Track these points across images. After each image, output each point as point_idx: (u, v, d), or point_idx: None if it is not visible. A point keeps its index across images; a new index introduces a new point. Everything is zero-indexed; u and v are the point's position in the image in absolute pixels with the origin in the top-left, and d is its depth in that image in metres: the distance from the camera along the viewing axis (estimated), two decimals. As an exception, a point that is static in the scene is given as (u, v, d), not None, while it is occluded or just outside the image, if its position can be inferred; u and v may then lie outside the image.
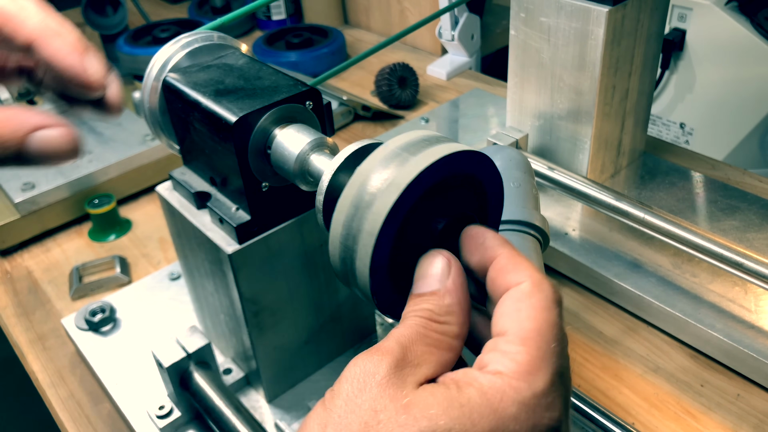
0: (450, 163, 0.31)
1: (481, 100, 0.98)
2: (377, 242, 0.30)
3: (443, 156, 0.30)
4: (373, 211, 0.30)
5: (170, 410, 0.54)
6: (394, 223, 0.30)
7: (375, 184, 0.30)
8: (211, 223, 0.48)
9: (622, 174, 0.77)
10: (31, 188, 0.79)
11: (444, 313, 0.29)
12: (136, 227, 0.82)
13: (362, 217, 0.30)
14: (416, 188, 0.30)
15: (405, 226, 0.31)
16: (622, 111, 0.71)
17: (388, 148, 0.31)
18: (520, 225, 0.55)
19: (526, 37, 0.69)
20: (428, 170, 0.30)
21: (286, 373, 0.55)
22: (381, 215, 0.29)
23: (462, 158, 0.31)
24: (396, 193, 0.29)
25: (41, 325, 0.69)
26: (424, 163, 0.30)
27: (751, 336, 0.56)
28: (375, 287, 0.31)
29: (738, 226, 0.67)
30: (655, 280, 0.62)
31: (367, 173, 0.31)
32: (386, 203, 0.29)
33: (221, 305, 0.53)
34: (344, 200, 0.31)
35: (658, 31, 0.69)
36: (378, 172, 0.30)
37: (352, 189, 0.31)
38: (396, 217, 0.30)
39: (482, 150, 0.64)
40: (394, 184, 0.30)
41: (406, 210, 0.30)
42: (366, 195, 0.30)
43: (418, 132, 0.33)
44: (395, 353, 0.28)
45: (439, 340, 0.29)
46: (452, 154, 0.31)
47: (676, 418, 0.54)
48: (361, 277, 0.31)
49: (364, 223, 0.30)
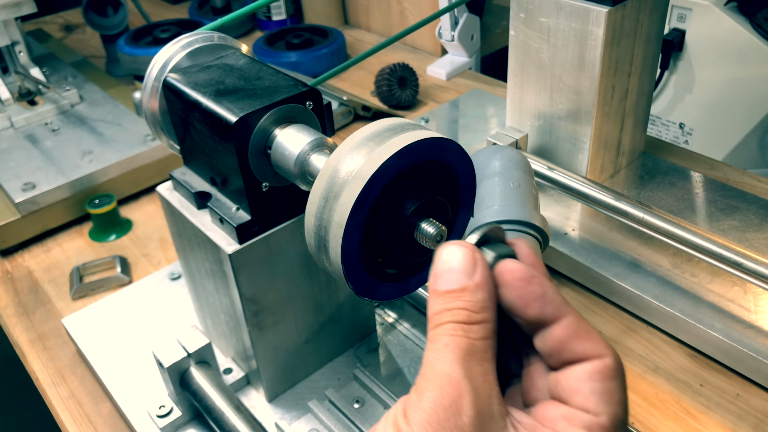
0: (414, 151, 0.32)
1: (481, 100, 0.98)
2: (345, 232, 0.31)
3: (406, 145, 0.31)
4: (340, 203, 0.31)
5: (170, 410, 0.54)
6: (361, 213, 0.31)
7: (341, 176, 0.32)
8: (212, 223, 0.48)
9: (622, 174, 0.77)
10: (31, 188, 0.79)
11: (479, 309, 0.28)
12: (137, 227, 0.82)
13: (331, 209, 0.32)
14: (381, 178, 0.31)
15: (374, 214, 0.32)
16: (621, 111, 0.71)
17: (354, 139, 0.33)
18: (520, 225, 0.55)
19: (525, 37, 0.69)
20: (391, 160, 0.31)
21: (286, 372, 0.55)
22: (347, 207, 0.31)
23: (425, 146, 0.32)
24: (360, 185, 0.31)
25: (42, 325, 0.69)
26: (387, 153, 0.31)
27: (751, 336, 0.56)
28: (348, 273, 0.33)
29: (737, 226, 0.68)
30: (654, 279, 0.63)
31: (336, 165, 0.32)
32: (351, 195, 0.31)
33: (221, 305, 0.53)
34: (315, 192, 0.33)
35: (657, 32, 0.70)
36: (344, 164, 0.32)
37: (321, 181, 0.32)
38: (362, 207, 0.31)
39: (482, 150, 0.64)
40: (358, 176, 0.31)
41: (373, 199, 0.31)
42: (334, 186, 0.32)
43: (385, 121, 0.34)
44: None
45: (484, 347, 0.28)
46: (416, 143, 0.32)
47: (676, 417, 0.54)
48: (335, 264, 0.33)
49: (333, 214, 0.32)
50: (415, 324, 0.62)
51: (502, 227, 0.31)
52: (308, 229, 0.33)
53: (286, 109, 0.43)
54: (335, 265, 0.33)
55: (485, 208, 0.57)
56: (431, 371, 0.27)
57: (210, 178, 0.49)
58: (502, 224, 0.55)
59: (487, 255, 0.29)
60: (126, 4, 1.17)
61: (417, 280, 0.39)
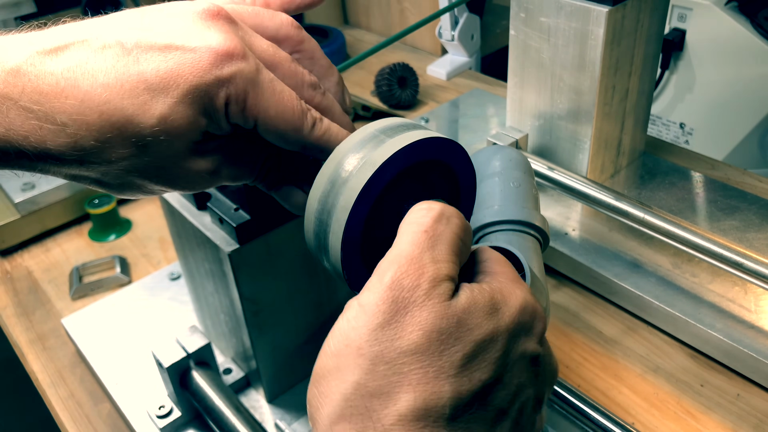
0: (424, 148, 0.32)
1: (481, 100, 0.98)
2: (350, 216, 0.31)
3: (418, 140, 0.32)
4: (348, 187, 0.31)
5: (170, 410, 0.54)
6: (367, 199, 0.31)
7: (352, 162, 0.32)
8: (211, 223, 0.48)
9: (622, 174, 0.77)
10: (31, 188, 0.79)
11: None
12: (136, 227, 0.82)
13: (337, 193, 0.31)
14: (391, 167, 0.31)
15: (378, 205, 0.32)
16: (621, 111, 0.71)
17: (366, 131, 0.33)
18: (520, 225, 0.55)
19: (526, 37, 0.69)
20: (403, 151, 0.31)
21: (286, 373, 0.55)
22: (355, 191, 0.31)
23: (436, 144, 0.33)
24: (371, 171, 0.31)
25: (41, 325, 0.69)
26: (400, 144, 0.31)
27: (751, 336, 0.56)
28: (346, 261, 0.32)
29: (738, 226, 0.68)
30: (654, 280, 0.62)
31: (345, 152, 0.32)
32: (361, 180, 0.31)
33: (221, 305, 0.53)
34: (321, 177, 0.32)
35: (657, 31, 0.70)
36: (355, 152, 0.32)
37: (329, 166, 0.32)
38: (370, 194, 0.31)
39: (482, 150, 0.64)
40: (369, 162, 0.31)
41: (380, 189, 0.31)
42: (343, 172, 0.32)
43: (397, 119, 0.34)
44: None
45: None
46: (427, 139, 0.32)
47: (676, 417, 0.54)
48: (333, 251, 0.32)
49: (339, 198, 0.31)
50: (415, 324, 0.61)
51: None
52: (309, 214, 0.33)
53: (286, 109, 0.43)
54: (334, 251, 0.32)
55: (485, 208, 0.57)
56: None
57: (210, 178, 0.49)
58: (502, 224, 0.55)
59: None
60: (126, 4, 1.16)
61: None
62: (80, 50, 0.29)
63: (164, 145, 0.30)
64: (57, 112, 0.28)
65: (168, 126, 0.29)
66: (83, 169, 0.30)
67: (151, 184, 0.32)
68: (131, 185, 0.32)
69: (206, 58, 0.29)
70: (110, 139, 0.29)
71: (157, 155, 0.30)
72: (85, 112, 0.28)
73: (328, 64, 0.36)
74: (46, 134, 0.28)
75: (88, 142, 0.29)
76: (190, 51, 0.29)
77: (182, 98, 0.29)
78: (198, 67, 0.29)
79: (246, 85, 0.30)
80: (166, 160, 0.31)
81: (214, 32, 0.30)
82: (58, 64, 0.28)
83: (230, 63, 0.30)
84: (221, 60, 0.29)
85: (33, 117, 0.28)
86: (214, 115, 0.30)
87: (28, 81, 0.28)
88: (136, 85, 0.28)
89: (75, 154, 0.29)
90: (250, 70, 0.30)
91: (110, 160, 0.29)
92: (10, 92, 0.28)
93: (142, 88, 0.28)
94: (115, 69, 0.29)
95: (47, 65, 0.28)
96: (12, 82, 0.28)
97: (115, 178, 0.31)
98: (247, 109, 0.31)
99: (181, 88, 0.29)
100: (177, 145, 0.30)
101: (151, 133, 0.29)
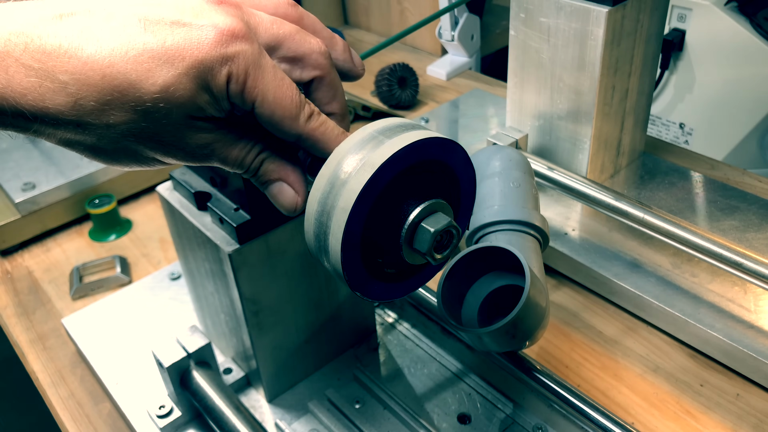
0: (423, 148, 0.32)
1: (481, 100, 0.98)
2: (350, 218, 0.31)
3: (417, 140, 0.31)
4: (347, 189, 0.31)
5: (170, 410, 0.54)
6: (367, 200, 0.31)
7: (351, 163, 0.32)
8: (211, 223, 0.48)
9: (622, 174, 0.77)
10: (31, 188, 0.79)
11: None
12: (137, 227, 0.82)
13: (337, 194, 0.31)
14: (390, 168, 0.31)
15: (377, 206, 0.32)
16: (621, 111, 0.71)
17: (365, 132, 0.33)
18: (520, 225, 0.55)
19: (525, 37, 0.69)
20: (402, 152, 0.31)
21: (286, 372, 0.55)
22: (355, 192, 0.31)
23: (436, 144, 0.33)
24: (370, 172, 0.31)
25: (41, 325, 0.69)
26: (399, 145, 0.31)
27: (751, 336, 0.56)
28: (345, 262, 0.32)
29: (737, 226, 0.68)
30: (654, 279, 0.63)
31: (344, 153, 0.32)
32: (360, 181, 0.31)
33: (221, 305, 0.53)
34: (321, 179, 0.32)
35: (657, 32, 0.70)
36: (354, 153, 0.32)
37: (328, 168, 0.32)
38: (369, 195, 0.31)
39: (482, 150, 0.64)
40: (368, 163, 0.31)
41: (380, 189, 0.31)
42: (342, 173, 0.32)
43: (395, 119, 0.34)
44: None
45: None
46: (426, 140, 0.32)
47: (676, 417, 0.54)
48: (333, 253, 0.32)
49: (338, 199, 0.31)
50: (415, 324, 0.62)
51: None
52: (309, 215, 0.33)
53: (286, 109, 0.43)
54: (334, 253, 0.32)
55: (485, 208, 0.57)
56: None
57: (210, 178, 0.49)
58: (501, 224, 0.55)
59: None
60: None
61: (413, 282, 0.38)
62: (87, 17, 0.30)
63: (163, 113, 0.30)
64: (59, 71, 0.28)
65: (169, 95, 0.30)
66: (78, 132, 0.30)
67: (146, 150, 0.32)
68: (126, 150, 0.32)
69: (213, 36, 0.30)
70: (110, 102, 0.29)
71: (155, 122, 0.31)
72: (88, 72, 0.29)
73: (330, 34, 0.38)
74: (46, 92, 0.29)
75: (88, 102, 0.29)
76: (198, 28, 0.30)
77: (186, 71, 0.30)
78: (204, 43, 0.30)
79: (248, 65, 0.31)
80: (163, 127, 0.31)
81: (220, 14, 0.31)
82: (64, 28, 0.29)
83: (235, 43, 0.31)
84: (227, 39, 0.31)
85: (33, 74, 0.28)
86: (214, 91, 0.31)
87: (31, 41, 0.28)
88: (141, 53, 0.29)
89: (73, 114, 0.29)
90: (253, 51, 0.31)
91: (108, 123, 0.30)
92: (12, 50, 0.28)
93: (147, 56, 0.29)
94: (120, 37, 0.29)
95: (52, 28, 0.29)
96: (14, 41, 0.28)
97: (111, 142, 0.31)
98: (247, 89, 0.31)
99: (186, 62, 0.30)
100: (175, 115, 0.31)
101: (151, 99, 0.30)
